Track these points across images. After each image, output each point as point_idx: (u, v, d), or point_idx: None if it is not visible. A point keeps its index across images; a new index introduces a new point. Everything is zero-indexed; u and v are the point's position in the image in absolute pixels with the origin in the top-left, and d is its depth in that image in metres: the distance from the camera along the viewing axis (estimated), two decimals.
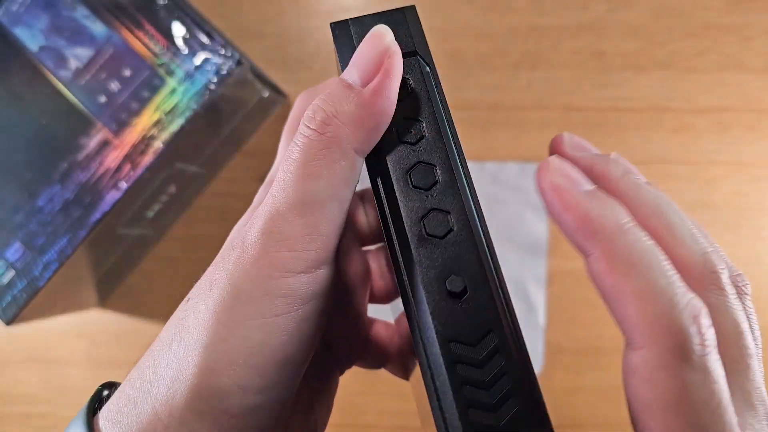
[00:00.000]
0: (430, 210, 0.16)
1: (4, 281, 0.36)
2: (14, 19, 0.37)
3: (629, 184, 0.16)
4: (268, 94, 0.45)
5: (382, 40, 0.17)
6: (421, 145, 0.17)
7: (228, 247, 0.18)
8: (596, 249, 0.14)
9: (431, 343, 0.15)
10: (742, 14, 0.47)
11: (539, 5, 0.48)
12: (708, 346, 0.13)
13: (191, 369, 0.16)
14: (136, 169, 0.36)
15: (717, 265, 0.15)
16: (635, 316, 0.13)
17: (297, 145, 0.16)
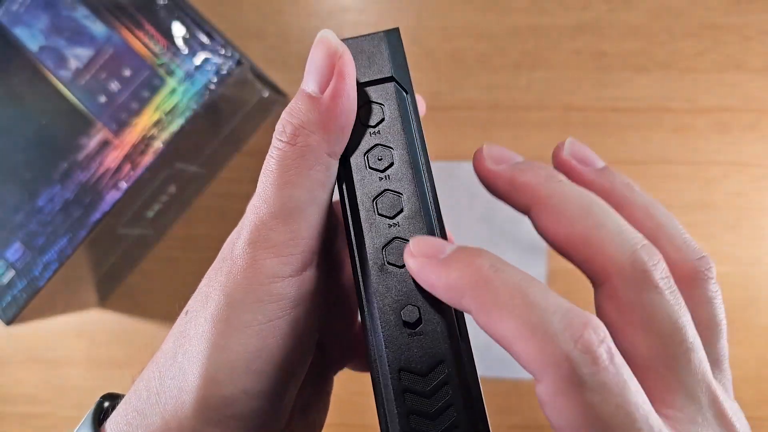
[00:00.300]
0: (393, 239, 0.17)
1: (4, 281, 0.36)
2: (14, 19, 0.37)
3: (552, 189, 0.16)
4: (268, 94, 0.45)
5: (328, 45, 0.17)
6: (389, 173, 0.17)
7: (219, 260, 0.18)
8: (471, 307, 0.14)
9: (383, 369, 0.16)
10: (742, 14, 0.47)
11: (539, 5, 0.48)
12: (600, 362, 0.13)
13: (196, 380, 0.16)
14: (136, 169, 0.36)
15: (647, 263, 0.15)
16: (524, 355, 0.14)
17: (272, 157, 0.17)
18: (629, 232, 0.15)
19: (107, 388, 0.53)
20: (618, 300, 0.15)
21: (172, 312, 0.54)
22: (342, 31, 0.49)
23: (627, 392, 0.13)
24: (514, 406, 0.45)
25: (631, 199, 0.17)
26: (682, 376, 0.14)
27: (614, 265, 0.15)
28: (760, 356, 0.45)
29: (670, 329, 0.14)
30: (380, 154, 0.17)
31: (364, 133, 0.18)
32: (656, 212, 0.17)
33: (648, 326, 0.15)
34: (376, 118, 0.18)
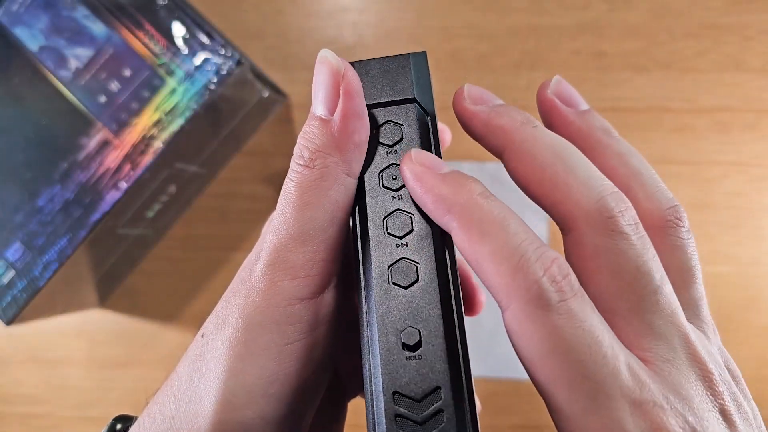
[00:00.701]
0: (400, 259, 0.16)
1: (4, 281, 0.36)
2: (14, 19, 0.37)
3: (526, 134, 0.16)
4: (268, 94, 0.45)
5: (330, 66, 0.17)
6: (401, 194, 0.17)
7: (237, 282, 0.18)
8: (454, 223, 0.15)
9: (377, 390, 0.15)
10: (742, 14, 0.47)
11: (539, 5, 0.48)
12: (565, 292, 0.14)
13: (213, 405, 0.16)
14: (136, 169, 0.36)
15: (614, 209, 0.15)
16: (495, 277, 0.14)
17: (291, 180, 0.17)
18: (598, 179, 0.16)
19: (107, 388, 0.54)
20: (584, 246, 0.15)
21: (172, 312, 0.54)
22: (342, 31, 0.49)
23: (592, 319, 0.14)
24: (514, 406, 0.45)
25: (607, 144, 0.17)
26: (650, 318, 0.15)
27: (581, 211, 0.15)
28: (760, 356, 0.45)
29: (636, 273, 0.15)
30: (395, 173, 0.17)
31: (382, 153, 0.18)
32: (632, 160, 0.17)
33: (614, 271, 0.15)
34: (395, 137, 0.18)
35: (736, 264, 0.45)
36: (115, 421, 0.20)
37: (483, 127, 0.17)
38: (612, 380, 0.13)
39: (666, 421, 0.13)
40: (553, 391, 0.14)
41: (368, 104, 0.18)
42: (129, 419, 0.21)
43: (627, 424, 0.13)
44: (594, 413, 0.13)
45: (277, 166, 0.49)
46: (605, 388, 0.13)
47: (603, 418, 0.13)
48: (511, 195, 0.53)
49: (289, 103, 0.48)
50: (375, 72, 0.19)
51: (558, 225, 0.16)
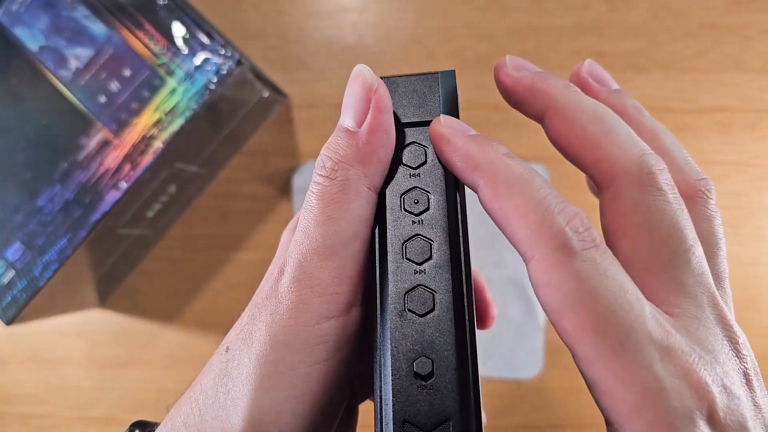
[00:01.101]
0: (417, 286, 0.16)
1: (4, 281, 0.36)
2: (14, 19, 0.37)
3: (567, 97, 0.17)
4: (268, 94, 0.45)
5: (364, 80, 0.18)
6: (423, 218, 0.17)
7: (262, 296, 0.18)
8: (480, 180, 0.16)
9: (387, 418, 0.15)
10: (742, 14, 0.47)
11: (539, 5, 0.48)
12: (587, 241, 0.14)
13: (241, 422, 0.16)
14: (136, 169, 0.36)
15: (654, 166, 0.16)
16: (520, 229, 0.15)
17: (313, 193, 0.17)
18: (638, 140, 0.16)
19: (107, 388, 0.54)
20: (622, 202, 0.15)
21: (172, 312, 0.54)
22: (342, 31, 0.49)
23: (615, 268, 0.14)
24: (514, 406, 0.45)
25: (641, 121, 0.18)
26: (681, 275, 0.15)
27: (621, 167, 0.16)
28: (760, 356, 0.45)
29: (670, 230, 0.15)
30: (417, 197, 0.17)
31: (404, 174, 0.17)
32: (663, 136, 0.18)
33: (649, 227, 0.15)
34: (418, 160, 0.18)
35: (736, 264, 0.45)
36: (134, 427, 0.20)
37: (526, 90, 0.18)
38: (639, 326, 0.13)
39: (696, 367, 0.13)
40: (580, 338, 0.14)
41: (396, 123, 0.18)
42: (146, 425, 0.21)
43: (657, 366, 0.13)
44: (623, 356, 0.13)
45: (277, 166, 0.49)
46: (633, 333, 0.13)
47: (632, 362, 0.13)
48: None
49: (289, 103, 0.48)
50: (402, 90, 0.18)
51: (596, 183, 0.16)
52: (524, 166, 0.16)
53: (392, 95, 0.18)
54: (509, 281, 0.46)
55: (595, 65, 0.19)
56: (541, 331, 0.46)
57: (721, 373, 0.14)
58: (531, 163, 0.46)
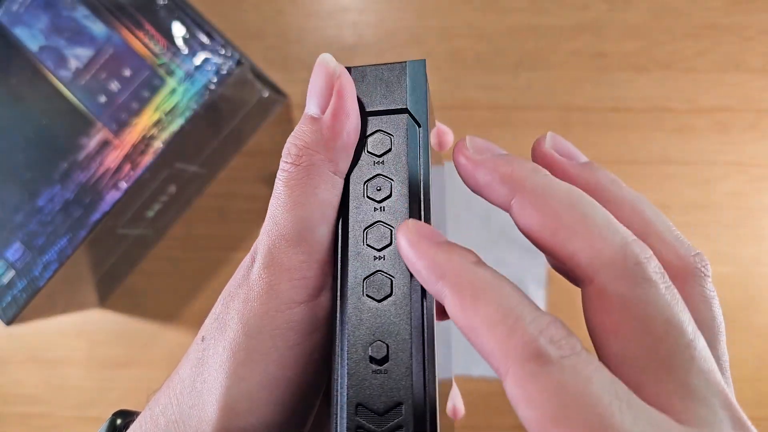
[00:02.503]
0: (376, 272, 0.16)
1: (4, 281, 0.36)
2: (14, 19, 0.37)
3: (535, 182, 0.16)
4: (268, 94, 0.45)
5: (327, 67, 0.18)
6: (384, 205, 0.17)
7: (234, 284, 0.18)
8: (446, 289, 0.14)
9: (341, 401, 0.15)
10: (742, 14, 0.47)
11: (539, 5, 0.48)
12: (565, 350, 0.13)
13: (216, 411, 0.16)
14: (136, 169, 0.36)
15: (640, 255, 0.14)
16: (490, 342, 0.13)
17: (280, 180, 0.17)
18: (618, 226, 0.15)
19: (107, 388, 0.54)
20: (608, 298, 0.14)
21: (172, 312, 0.54)
22: (342, 31, 0.49)
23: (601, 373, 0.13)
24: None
25: (617, 195, 0.17)
26: (686, 376, 0.13)
27: (603, 259, 0.14)
28: (759, 356, 0.45)
29: (666, 326, 0.13)
30: (380, 184, 0.17)
31: (369, 162, 0.18)
32: (644, 208, 0.16)
33: (642, 324, 0.14)
34: (383, 148, 0.18)
35: (736, 264, 0.45)
36: (115, 417, 0.20)
37: (489, 175, 0.16)
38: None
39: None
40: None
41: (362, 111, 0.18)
42: (128, 414, 0.21)
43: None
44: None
45: (277, 166, 0.48)
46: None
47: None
48: None
49: (289, 103, 0.48)
50: (370, 79, 0.18)
51: (575, 278, 0.15)
52: (492, 274, 0.14)
53: (360, 84, 0.18)
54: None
55: (557, 137, 0.18)
56: None
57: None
58: None
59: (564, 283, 0.44)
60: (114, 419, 0.20)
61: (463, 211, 0.46)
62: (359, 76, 0.18)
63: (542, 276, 0.46)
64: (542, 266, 0.46)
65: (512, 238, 0.46)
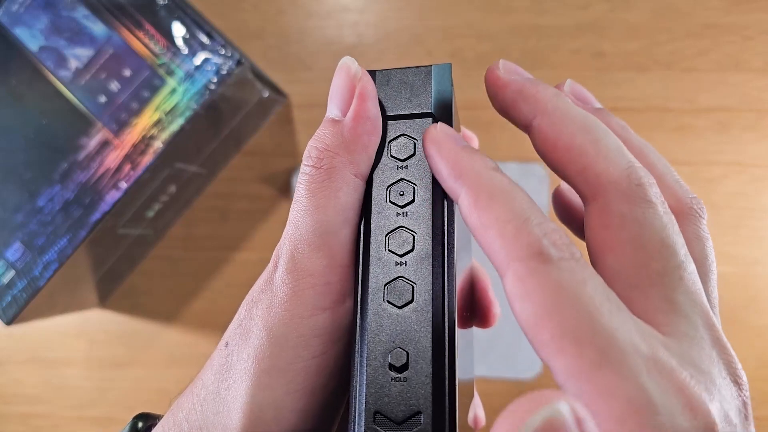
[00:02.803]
0: (397, 278, 0.16)
1: (4, 281, 0.36)
2: (14, 19, 0.37)
3: (557, 104, 0.16)
4: (268, 94, 0.45)
5: (348, 70, 0.18)
6: (407, 210, 0.17)
7: (258, 290, 0.18)
8: (463, 188, 0.15)
9: (360, 408, 0.15)
10: (742, 14, 0.47)
11: (539, 5, 0.48)
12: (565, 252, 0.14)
13: (241, 419, 0.16)
14: (136, 169, 0.36)
15: (643, 178, 0.15)
16: (497, 239, 0.14)
17: (301, 183, 0.17)
18: (627, 152, 0.16)
19: (107, 388, 0.54)
20: (609, 214, 0.15)
21: (172, 312, 0.54)
22: (342, 31, 0.49)
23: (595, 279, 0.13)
24: None
25: (627, 138, 0.17)
26: (673, 293, 0.14)
27: (610, 177, 0.15)
28: (760, 356, 0.45)
29: (660, 244, 0.14)
30: (403, 189, 0.17)
31: (392, 166, 0.17)
32: (649, 152, 0.17)
33: (638, 241, 0.14)
34: (407, 152, 0.17)
35: (736, 264, 0.45)
36: (137, 419, 0.20)
37: (516, 93, 0.17)
38: (622, 335, 0.12)
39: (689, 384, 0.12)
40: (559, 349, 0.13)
41: (384, 115, 0.18)
42: (151, 417, 0.21)
43: (643, 378, 0.12)
44: (605, 367, 0.12)
45: (277, 166, 0.49)
46: (616, 343, 0.12)
47: (616, 372, 0.12)
48: None
49: (289, 103, 0.48)
50: (395, 82, 0.18)
51: (582, 194, 0.16)
52: (509, 181, 0.15)
53: (384, 87, 0.18)
54: None
55: (576, 85, 0.19)
56: None
57: (719, 397, 0.13)
58: (531, 163, 0.46)
59: None
60: (135, 422, 0.20)
61: None
62: (384, 79, 0.18)
63: None
64: None
65: None
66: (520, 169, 0.46)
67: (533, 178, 0.46)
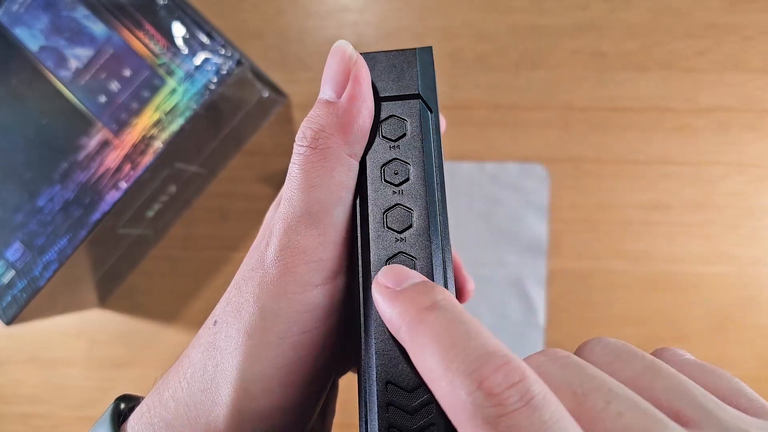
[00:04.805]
0: (398, 253, 0.17)
1: (4, 281, 0.36)
2: (14, 19, 0.37)
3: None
4: (268, 94, 0.45)
5: (344, 53, 0.18)
6: (402, 188, 0.17)
7: (247, 268, 0.18)
8: (406, 338, 0.14)
9: (371, 380, 0.16)
10: (742, 14, 0.47)
11: (539, 5, 0.48)
12: (507, 405, 0.12)
13: (230, 393, 0.16)
14: (136, 169, 0.36)
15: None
16: (439, 395, 0.13)
17: (295, 164, 0.17)
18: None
19: (107, 388, 0.54)
20: None
21: (172, 312, 0.54)
22: (342, 31, 0.49)
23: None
24: None
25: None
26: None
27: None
28: (760, 356, 0.45)
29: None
30: (397, 168, 0.18)
31: (385, 146, 0.18)
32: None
33: None
34: (398, 132, 0.18)
35: (736, 264, 0.45)
36: (119, 401, 0.20)
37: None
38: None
39: None
40: None
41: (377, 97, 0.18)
42: (132, 399, 0.21)
43: None
44: None
45: (277, 166, 0.49)
46: None
47: None
48: (511, 195, 0.53)
49: (289, 103, 0.48)
50: (382, 65, 0.19)
51: None
52: (449, 317, 0.14)
53: (372, 70, 0.19)
54: (509, 281, 0.46)
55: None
56: (541, 331, 0.46)
57: None
58: (531, 163, 0.46)
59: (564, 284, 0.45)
60: (117, 404, 0.20)
61: (465, 210, 0.46)
62: (371, 62, 0.19)
63: (542, 276, 0.46)
64: (542, 266, 0.46)
65: (512, 238, 0.46)
66: (520, 169, 0.46)
67: (533, 178, 0.46)
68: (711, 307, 0.45)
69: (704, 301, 0.45)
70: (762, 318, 0.45)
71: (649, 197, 0.46)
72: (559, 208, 0.46)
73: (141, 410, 0.18)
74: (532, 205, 0.46)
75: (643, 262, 0.46)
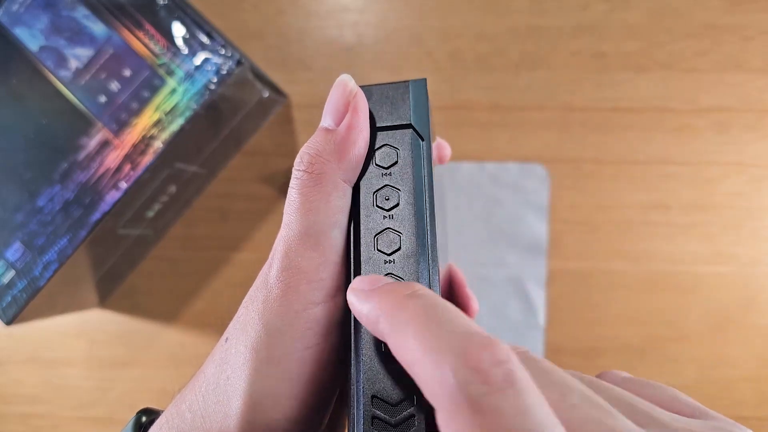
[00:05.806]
0: (387, 274, 0.18)
1: (4, 281, 0.36)
2: (14, 19, 0.37)
3: None
4: (268, 94, 0.45)
5: (345, 87, 0.19)
6: (393, 213, 0.18)
7: (254, 289, 0.19)
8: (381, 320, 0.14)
9: (358, 393, 0.16)
10: (742, 14, 0.47)
11: (539, 6, 0.48)
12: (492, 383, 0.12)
13: (240, 407, 0.17)
14: (136, 169, 0.36)
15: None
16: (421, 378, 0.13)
17: (293, 188, 0.18)
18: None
19: (107, 388, 0.54)
20: None
21: (172, 312, 0.54)
22: (342, 31, 0.49)
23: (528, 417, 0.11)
24: None
25: None
26: None
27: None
28: (760, 356, 0.45)
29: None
30: (388, 194, 0.19)
31: (377, 174, 0.19)
32: None
33: None
34: (390, 160, 0.19)
35: (736, 264, 0.45)
36: (140, 414, 0.21)
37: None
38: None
39: None
40: None
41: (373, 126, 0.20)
42: (153, 413, 0.22)
43: None
44: None
45: (277, 166, 0.49)
46: None
47: None
48: (511, 195, 0.53)
49: (289, 103, 0.48)
50: (376, 97, 0.20)
51: None
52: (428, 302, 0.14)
53: (369, 101, 0.20)
54: (509, 281, 0.46)
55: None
56: (541, 331, 0.46)
57: None
58: (531, 163, 0.46)
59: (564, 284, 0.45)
60: (139, 417, 0.21)
61: (465, 210, 0.46)
62: (366, 94, 0.20)
63: (542, 276, 0.46)
64: (542, 266, 0.46)
65: (512, 238, 0.46)
66: (520, 169, 0.46)
67: (533, 178, 0.46)
68: (711, 307, 0.45)
69: (704, 301, 0.45)
70: (762, 318, 0.45)
71: (649, 197, 0.46)
72: (559, 208, 0.46)
73: (160, 422, 0.19)
74: (532, 206, 0.46)
75: (642, 262, 0.46)
